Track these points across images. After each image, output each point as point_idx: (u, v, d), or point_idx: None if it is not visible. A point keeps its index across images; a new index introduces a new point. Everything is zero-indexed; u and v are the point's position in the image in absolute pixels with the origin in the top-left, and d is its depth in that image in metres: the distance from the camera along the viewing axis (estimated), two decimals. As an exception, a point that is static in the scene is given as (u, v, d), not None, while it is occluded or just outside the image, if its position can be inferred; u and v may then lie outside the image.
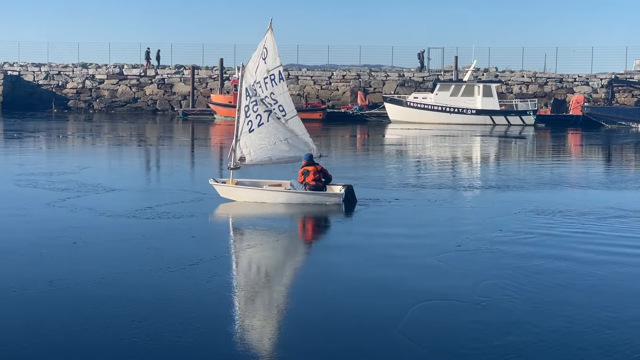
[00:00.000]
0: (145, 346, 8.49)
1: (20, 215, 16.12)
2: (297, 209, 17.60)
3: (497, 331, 9.18)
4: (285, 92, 18.92)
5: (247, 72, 18.66)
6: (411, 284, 11.32)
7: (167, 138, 41.23)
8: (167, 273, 11.63)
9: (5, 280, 11.00)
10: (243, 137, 18.74)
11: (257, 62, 18.57)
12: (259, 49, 18.60)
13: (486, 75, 61.06)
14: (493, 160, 32.14)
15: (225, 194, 18.45)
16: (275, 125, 18.75)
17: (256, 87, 18.55)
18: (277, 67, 18.68)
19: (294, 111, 19.03)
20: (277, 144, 18.80)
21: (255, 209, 17.65)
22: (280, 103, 18.73)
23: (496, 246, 13.82)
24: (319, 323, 9.47)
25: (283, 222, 16.92)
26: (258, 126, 18.68)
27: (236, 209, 17.73)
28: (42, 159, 28.82)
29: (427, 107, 53.36)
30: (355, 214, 17.00)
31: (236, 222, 16.80)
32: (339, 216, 16.82)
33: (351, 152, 36.28)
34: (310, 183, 18.00)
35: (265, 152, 18.85)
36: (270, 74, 18.57)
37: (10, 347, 8.40)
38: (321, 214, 17.23)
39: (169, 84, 63.09)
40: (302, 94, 61.21)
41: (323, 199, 17.98)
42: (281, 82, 18.76)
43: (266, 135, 18.74)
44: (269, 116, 18.67)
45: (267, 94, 18.62)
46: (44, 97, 63.19)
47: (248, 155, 18.79)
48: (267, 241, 14.75)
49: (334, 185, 18.49)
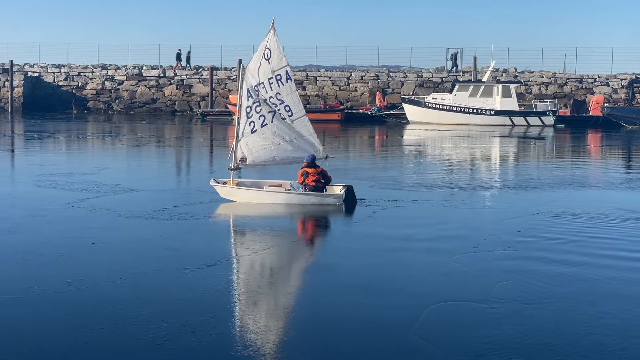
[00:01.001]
0: (163, 346, 8.53)
1: (40, 216, 16.23)
2: (305, 210, 17.62)
3: (512, 333, 9.14)
4: (293, 92, 18.91)
5: (248, 73, 18.68)
6: (426, 285, 11.31)
7: (185, 139, 41.37)
8: (184, 274, 11.67)
9: (25, 280, 11.08)
10: (244, 138, 18.77)
11: (259, 62, 18.57)
12: (261, 50, 18.61)
13: (505, 76, 60.82)
14: (512, 161, 32.01)
15: (226, 194, 18.51)
16: (279, 126, 18.75)
17: (259, 88, 18.56)
18: (283, 67, 18.69)
19: (302, 111, 19.03)
20: (282, 145, 18.81)
21: (266, 210, 17.66)
22: (287, 103, 18.73)
23: (514, 247, 13.77)
24: (332, 324, 9.47)
25: (293, 224, 16.94)
26: (261, 127, 18.69)
27: (252, 210, 17.74)
28: (62, 160, 28.99)
29: (446, 107, 53.22)
30: (374, 214, 16.99)
31: (252, 223, 16.81)
32: (353, 217, 16.80)
33: (369, 152, 36.25)
34: (310, 184, 18.04)
35: (269, 153, 18.86)
36: (275, 74, 18.57)
37: (29, 347, 8.46)
38: (331, 215, 17.22)
39: (187, 85, 63.29)
40: (320, 95, 61.23)
41: (323, 200, 18.01)
42: (288, 82, 18.77)
43: (270, 135, 18.76)
44: (273, 117, 18.67)
45: (272, 94, 18.61)
46: (64, 98, 63.55)
47: (250, 155, 18.81)
48: (282, 243, 14.78)
49: (334, 185, 18.53)
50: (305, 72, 63.74)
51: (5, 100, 61.70)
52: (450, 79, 60.77)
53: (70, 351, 8.41)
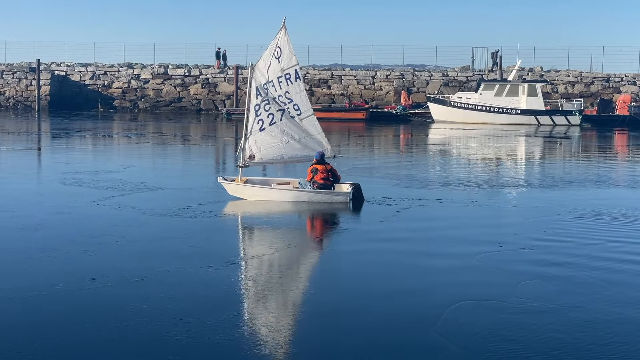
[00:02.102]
0: (186, 344, 8.56)
1: (65, 213, 16.35)
2: (319, 208, 17.63)
3: (533, 333, 9.09)
4: (302, 91, 18.99)
5: (258, 71, 18.75)
6: (449, 283, 11.25)
7: (210, 137, 41.52)
8: (208, 272, 11.71)
9: (50, 276, 11.17)
10: (253, 136, 18.86)
11: (269, 61, 18.64)
12: (271, 48, 18.66)
13: (531, 75, 60.45)
14: (537, 161, 31.81)
15: (234, 192, 18.59)
16: (288, 125, 18.82)
17: (268, 87, 18.63)
18: (292, 66, 18.74)
19: (310, 110, 19.11)
20: (290, 143, 18.87)
21: (284, 208, 17.68)
22: (295, 102, 18.80)
23: (538, 247, 13.68)
24: (354, 322, 9.46)
25: (315, 223, 16.93)
26: (270, 125, 18.78)
27: (274, 208, 17.76)
28: (88, 158, 29.21)
29: (471, 107, 53.00)
30: (398, 213, 16.95)
31: (275, 222, 16.83)
32: (378, 216, 16.75)
33: (394, 151, 36.18)
34: (319, 182, 18.09)
35: (277, 151, 18.94)
36: (285, 73, 18.62)
37: (53, 343, 8.52)
38: (356, 214, 17.20)
39: (213, 84, 63.50)
40: (345, 94, 61.20)
41: (331, 198, 18.02)
42: (297, 81, 18.82)
43: (278, 133, 18.83)
44: (282, 115, 18.75)
45: (282, 92, 18.68)
46: (90, 97, 64.00)
47: (258, 153, 18.89)
48: (305, 241, 14.81)
49: (342, 183, 18.56)
50: (330, 71, 63.74)
51: (32, 98, 62.25)
52: (475, 78, 60.49)
53: (93, 348, 8.46)
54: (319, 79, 62.81)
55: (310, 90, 61.98)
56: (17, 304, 9.91)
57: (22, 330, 8.91)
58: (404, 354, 8.43)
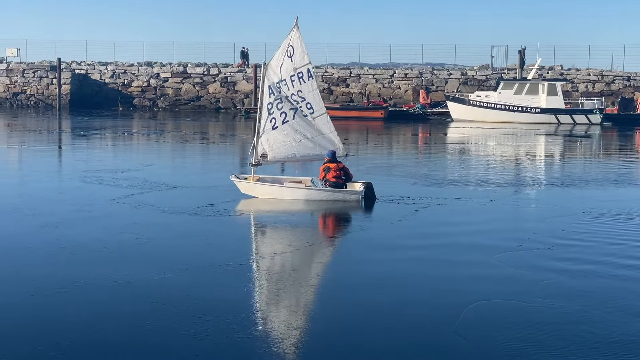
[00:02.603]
0: (205, 341, 8.60)
1: (85, 211, 16.46)
2: (327, 206, 17.66)
3: (553, 333, 9.06)
4: (315, 90, 19.01)
5: (270, 70, 18.81)
6: (467, 283, 11.24)
7: (229, 136, 41.62)
8: (226, 270, 11.76)
9: (70, 274, 11.25)
10: (265, 134, 18.93)
11: (282, 60, 18.69)
12: (284, 47, 18.71)
13: (551, 74, 60.13)
14: (557, 160, 31.66)
15: (246, 190, 18.66)
16: (300, 123, 18.89)
17: (281, 85, 18.69)
18: (305, 65, 18.77)
19: (322, 109, 19.15)
20: (303, 141, 18.94)
21: (303, 207, 17.71)
22: (308, 101, 18.85)
23: (557, 247, 13.63)
24: (372, 321, 9.47)
25: (333, 221, 16.94)
26: (282, 123, 18.84)
27: (292, 206, 17.78)
28: (108, 156, 29.37)
29: (491, 105, 52.78)
30: (416, 212, 16.93)
31: (294, 220, 16.88)
32: (397, 215, 16.73)
33: (413, 150, 36.12)
34: (331, 180, 18.13)
35: (289, 149, 19.00)
36: (297, 72, 18.67)
37: (73, 341, 8.59)
38: (374, 213, 17.19)
39: (231, 83, 63.63)
40: (363, 93, 61.14)
41: (343, 196, 18.04)
42: (310, 80, 18.86)
43: (291, 132, 18.89)
44: (294, 114, 18.81)
45: (294, 91, 18.74)
46: (110, 96, 64.30)
47: (270, 151, 18.95)
48: (325, 240, 14.82)
49: (354, 182, 18.61)
50: (348, 70, 63.70)
51: (53, 97, 62.63)
52: (495, 76, 60.25)
53: (112, 344, 8.51)
54: (337, 77, 62.79)
55: (328, 89, 61.99)
56: (39, 300, 9.99)
57: (43, 326, 8.99)
58: (422, 354, 8.43)
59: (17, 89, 64.45)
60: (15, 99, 64.11)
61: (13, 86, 64.55)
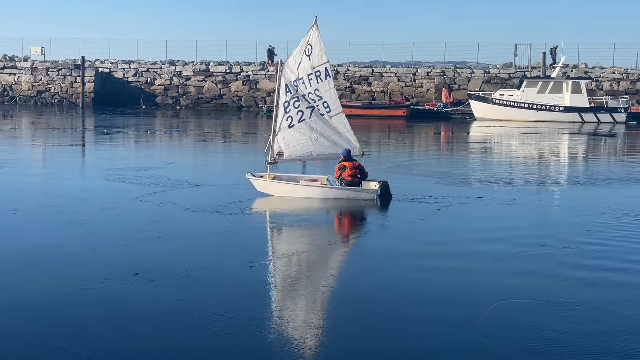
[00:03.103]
0: (228, 340, 8.61)
1: (109, 209, 16.55)
2: (343, 205, 17.66)
3: (575, 334, 9.00)
4: (332, 89, 19.02)
5: (287, 68, 18.84)
6: (489, 282, 11.18)
7: (251, 134, 41.69)
8: (249, 268, 11.78)
9: (94, 271, 11.32)
10: (281, 133, 18.97)
11: (300, 58, 18.70)
12: (302, 46, 18.72)
13: (575, 72, 59.70)
14: (581, 158, 31.44)
15: (262, 188, 18.69)
16: (317, 122, 18.91)
17: (298, 84, 18.70)
18: (323, 63, 18.78)
19: (339, 108, 19.17)
20: (319, 140, 18.96)
21: (323, 205, 17.69)
22: (325, 99, 18.86)
23: (581, 247, 13.53)
24: (393, 321, 9.45)
25: (354, 220, 16.92)
26: (299, 122, 18.87)
27: (313, 204, 17.78)
28: (130, 154, 29.51)
29: (514, 104, 52.51)
30: (438, 211, 16.87)
31: (314, 219, 16.88)
32: (419, 213, 16.68)
33: (435, 149, 36.01)
34: (347, 178, 18.13)
35: (306, 148, 19.02)
36: (315, 71, 18.68)
37: (96, 340, 8.63)
38: (394, 211, 17.13)
39: (253, 81, 63.72)
40: (385, 91, 61.03)
41: (359, 195, 18.01)
42: (327, 79, 18.86)
43: (307, 130, 18.91)
44: (311, 112, 18.83)
45: (311, 90, 18.76)
46: (133, 94, 64.60)
47: (286, 150, 18.99)
48: (347, 239, 14.81)
49: (370, 181, 18.58)
50: (370, 68, 63.61)
51: (76, 95, 63.04)
52: (518, 75, 59.93)
53: (135, 340, 8.55)
54: (359, 76, 62.72)
55: (350, 87, 61.95)
56: (63, 297, 10.06)
57: (66, 322, 9.05)
58: (445, 354, 8.40)
59: (41, 87, 64.92)
60: (40, 97, 64.59)
61: (37, 84, 65.03)
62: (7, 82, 65.59)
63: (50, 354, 8.14)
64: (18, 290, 10.38)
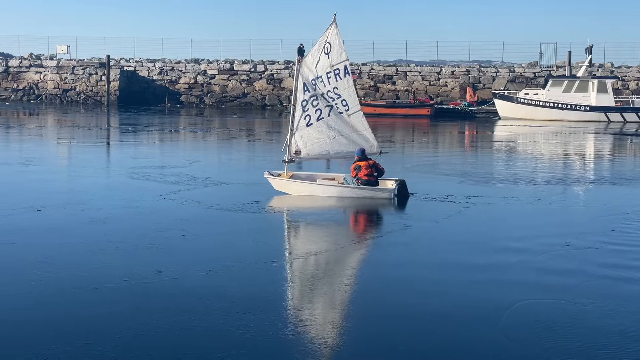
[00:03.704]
0: (250, 338, 8.62)
1: (133, 207, 16.63)
2: (361, 204, 17.64)
3: (597, 333, 8.92)
4: (350, 87, 19.00)
5: (305, 67, 18.85)
6: (512, 282, 11.09)
7: (275, 133, 41.75)
8: (271, 267, 11.79)
9: (117, 269, 11.38)
10: (299, 131, 19.00)
11: (318, 57, 18.70)
12: (320, 44, 18.71)
13: (601, 71, 59.26)
14: (606, 158, 31.18)
15: (279, 187, 18.72)
16: (335, 120, 18.92)
17: (317, 82, 18.71)
18: (342, 61, 18.77)
19: (357, 106, 19.16)
20: (337, 138, 18.98)
21: (343, 204, 17.67)
22: (343, 97, 18.85)
23: (605, 247, 13.43)
24: (417, 320, 9.41)
25: (378, 219, 16.88)
26: (317, 120, 18.89)
27: (334, 204, 17.77)
28: (155, 153, 29.65)
29: (539, 103, 52.21)
30: (462, 211, 16.80)
31: (337, 218, 16.86)
32: (443, 213, 16.61)
33: (459, 148, 35.87)
34: (363, 178, 18.09)
35: (324, 146, 19.03)
36: (334, 69, 18.67)
37: (119, 336, 8.67)
38: (419, 211, 17.07)
39: (277, 80, 63.85)
40: (410, 90, 60.89)
41: (375, 194, 17.99)
42: (346, 77, 18.84)
43: (325, 129, 18.93)
44: (330, 111, 18.85)
45: (330, 88, 18.76)
46: (158, 92, 64.95)
47: (304, 148, 19.01)
48: (370, 238, 14.79)
49: (387, 180, 18.55)
50: (395, 67, 63.50)
51: (102, 93, 63.47)
52: (543, 74, 59.54)
53: (159, 338, 8.58)
54: (383, 74, 62.63)
55: (374, 86, 61.88)
56: (85, 295, 10.12)
57: (91, 320, 9.10)
58: (466, 353, 8.36)
59: (67, 86, 65.44)
60: (65, 95, 65.10)
61: (63, 83, 65.56)
62: (34, 80, 66.17)
63: (74, 350, 8.19)
64: (40, 288, 10.45)
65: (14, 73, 66.47)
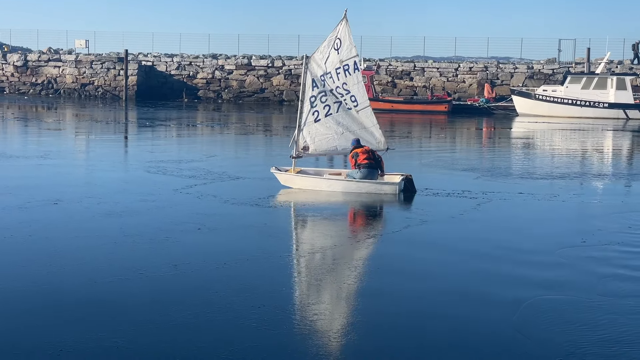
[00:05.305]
0: (265, 331, 8.65)
1: (149, 201, 16.71)
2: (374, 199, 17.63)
3: (613, 330, 8.88)
4: (360, 83, 19.00)
5: (314, 63, 18.84)
6: (527, 278, 11.05)
7: (292, 128, 41.73)
8: (287, 261, 11.82)
9: (133, 262, 11.44)
10: (307, 127, 19.03)
11: (327, 53, 18.69)
12: (330, 40, 18.70)
13: (620, 68, 58.87)
14: (625, 155, 30.99)
15: (285, 182, 18.82)
16: (344, 116, 18.96)
17: (325, 79, 18.73)
18: (352, 57, 18.77)
19: (366, 102, 19.18)
20: (345, 134, 19.02)
21: (359, 199, 17.67)
22: (352, 93, 18.85)
23: (622, 243, 13.36)
24: (429, 318, 9.40)
25: (389, 215, 16.86)
26: (325, 116, 18.92)
27: (348, 198, 17.78)
28: (172, 147, 29.76)
29: (557, 100, 51.94)
30: (478, 206, 16.76)
31: (348, 212, 16.87)
32: (458, 209, 16.57)
33: (476, 144, 35.77)
34: (363, 162, 18.06)
35: (331, 142, 19.08)
36: (344, 65, 18.68)
37: (135, 329, 8.72)
38: (435, 207, 17.03)
39: (295, 75, 63.86)
40: (427, 86, 60.74)
41: (381, 189, 17.97)
42: (355, 73, 18.84)
43: (333, 125, 18.97)
44: (339, 107, 18.90)
45: (339, 84, 18.77)
46: (175, 87, 65.14)
47: (312, 144, 19.06)
48: (383, 233, 14.78)
49: (394, 174, 18.48)
50: (412, 63, 63.36)
51: (120, 88, 63.74)
52: (562, 70, 59.23)
53: (175, 331, 8.62)
54: (401, 70, 62.51)
55: (392, 82, 61.78)
56: (101, 287, 10.18)
57: (105, 313, 9.15)
58: (479, 350, 8.34)
59: (85, 80, 65.74)
60: (84, 89, 65.41)
61: (81, 77, 65.87)
62: (52, 74, 66.53)
63: (89, 342, 8.24)
64: (56, 279, 10.52)
65: (32, 67, 66.85)
